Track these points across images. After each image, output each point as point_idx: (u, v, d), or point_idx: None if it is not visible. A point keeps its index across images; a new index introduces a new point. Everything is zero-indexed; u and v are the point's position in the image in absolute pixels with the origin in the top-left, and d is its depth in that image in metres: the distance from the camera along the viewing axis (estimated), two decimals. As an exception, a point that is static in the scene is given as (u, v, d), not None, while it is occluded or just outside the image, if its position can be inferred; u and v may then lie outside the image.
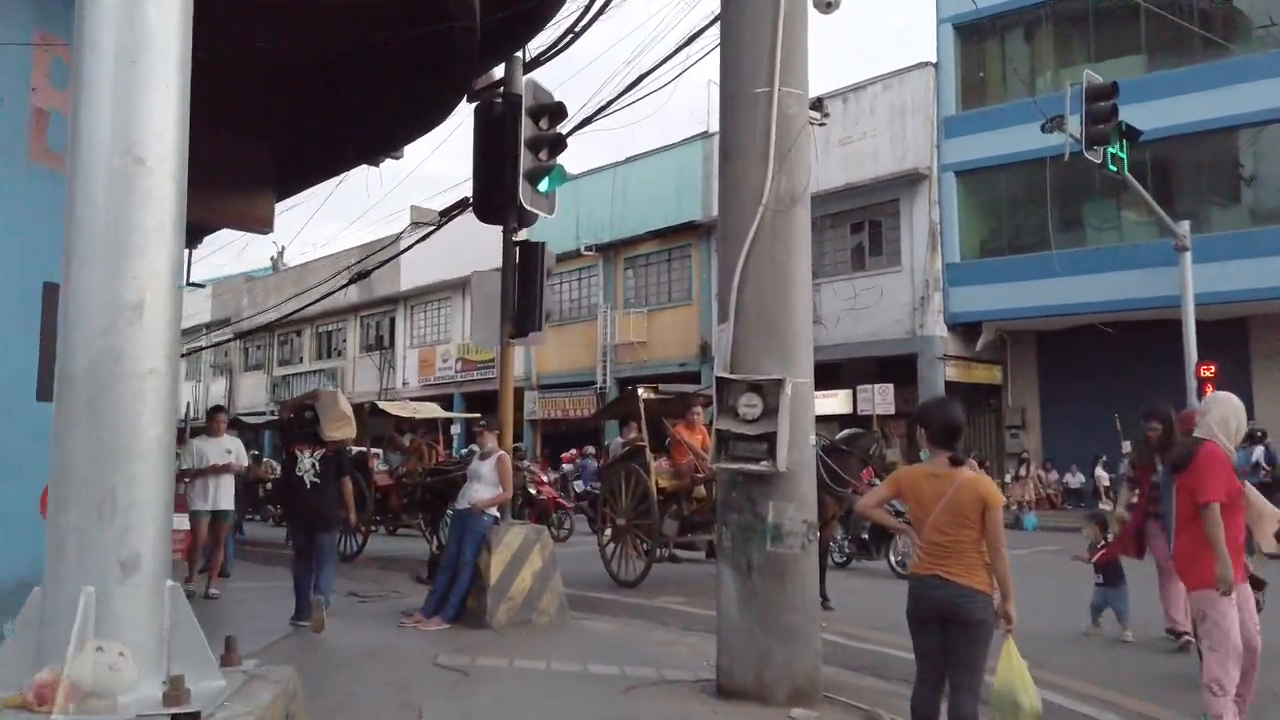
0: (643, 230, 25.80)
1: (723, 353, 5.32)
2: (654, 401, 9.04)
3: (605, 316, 26.59)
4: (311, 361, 38.62)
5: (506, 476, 6.83)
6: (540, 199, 7.12)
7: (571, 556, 11.14)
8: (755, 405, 5.02)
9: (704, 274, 24.75)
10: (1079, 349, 20.38)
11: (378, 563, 11.43)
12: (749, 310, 5.21)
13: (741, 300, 5.21)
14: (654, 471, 8.67)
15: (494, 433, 7.00)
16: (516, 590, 6.67)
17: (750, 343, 5.19)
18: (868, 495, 3.67)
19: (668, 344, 25.41)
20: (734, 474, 5.11)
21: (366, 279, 34.60)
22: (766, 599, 4.97)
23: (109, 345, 2.55)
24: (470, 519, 6.74)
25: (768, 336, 5.18)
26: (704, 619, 7.31)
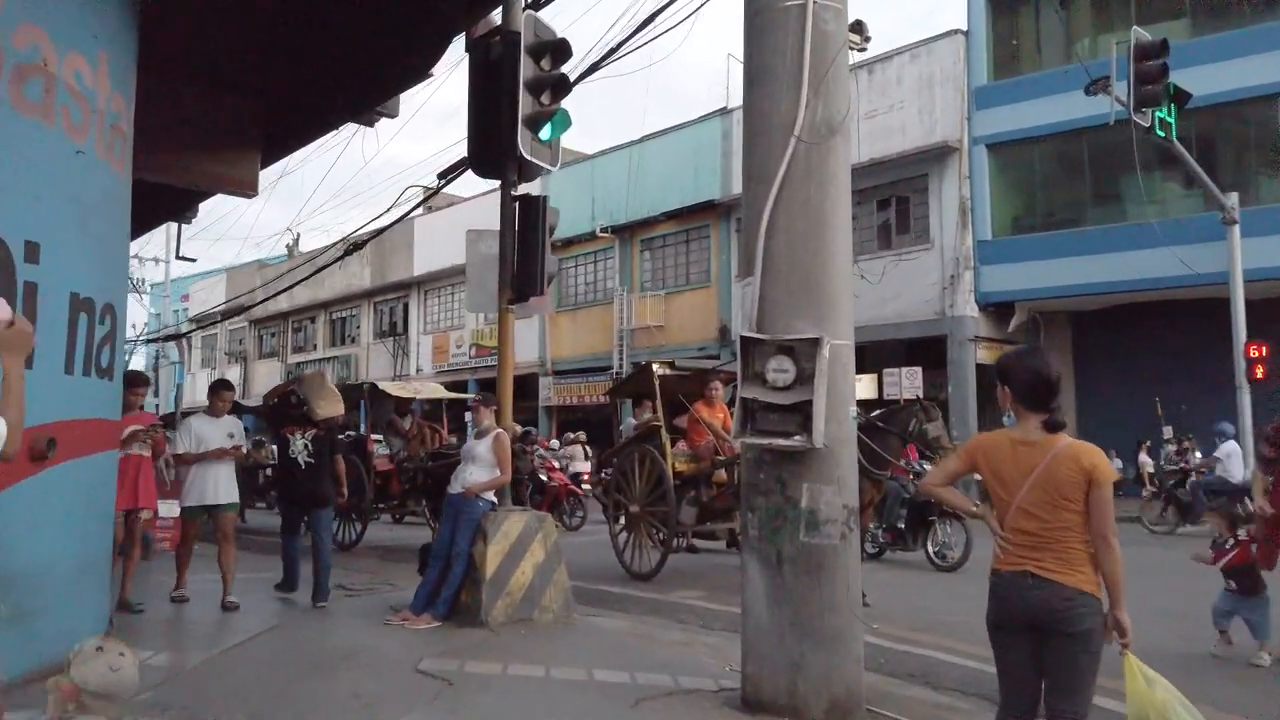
0: (660, 211, 25.01)
1: (748, 310, 4.58)
2: (670, 378, 8.31)
3: (621, 300, 25.85)
4: (325, 349, 38.18)
5: (505, 457, 6.12)
6: (542, 148, 6.39)
7: (583, 546, 10.45)
8: (787, 370, 4.28)
9: (723, 255, 23.95)
10: (1116, 330, 19.45)
11: (377, 552, 10.78)
12: (779, 260, 4.46)
13: (770, 249, 4.46)
14: (670, 454, 7.95)
15: (491, 409, 6.30)
16: (515, 584, 5.96)
17: (780, 298, 4.45)
18: (932, 472, 2.92)
19: (686, 327, 24.64)
20: (761, 451, 4.37)
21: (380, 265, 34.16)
22: (800, 597, 4.24)
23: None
24: (464, 505, 6.05)
25: (801, 291, 4.44)
26: (725, 616, 6.60)
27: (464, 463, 6.21)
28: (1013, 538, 2.70)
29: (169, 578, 7.04)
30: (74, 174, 4.55)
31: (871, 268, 20.91)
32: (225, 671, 4.71)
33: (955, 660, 5.24)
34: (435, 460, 10.35)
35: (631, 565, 8.18)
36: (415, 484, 10.64)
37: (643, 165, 25.42)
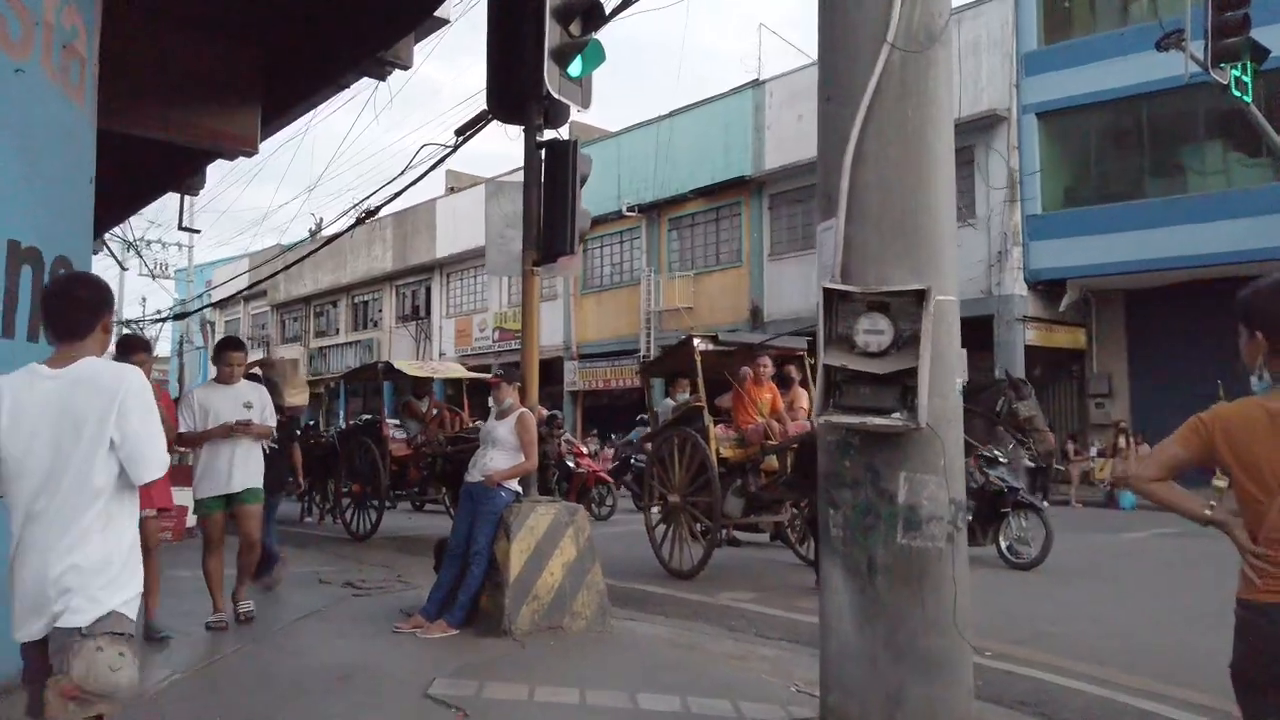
0: (688, 188, 24.11)
1: (826, 259, 3.74)
2: (712, 354, 7.47)
3: (649, 281, 24.98)
4: (348, 333, 37.70)
5: (530, 440, 5.31)
6: (571, 86, 5.55)
7: (615, 539, 9.66)
8: (881, 331, 3.43)
9: (755, 233, 23.04)
10: (1173, 309, 18.32)
11: (394, 543, 10.05)
12: (869, 196, 3.61)
13: (858, 182, 3.60)
14: (714, 438, 7.11)
15: (515, 386, 5.49)
16: (543, 587, 5.17)
17: (870, 242, 3.60)
18: (1143, 463, 2.06)
19: (716, 309, 23.75)
20: (847, 433, 3.53)
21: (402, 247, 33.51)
22: (897, 613, 3.41)
23: None
24: (483, 495, 5.25)
25: (896, 233, 3.58)
26: (782, 623, 5.78)
27: (483, 446, 5.41)
28: (1276, 555, 1.85)
29: (177, 584, 6.07)
30: (11, 97, 3.77)
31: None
32: (194, 695, 3.96)
33: (1071, 684, 4.39)
34: (454, 445, 9.59)
35: (671, 562, 7.37)
36: (434, 470, 9.89)
37: (671, 141, 24.49)
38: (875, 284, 3.51)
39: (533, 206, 5.60)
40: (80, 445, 2.30)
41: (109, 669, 2.27)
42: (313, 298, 39.02)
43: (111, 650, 2.32)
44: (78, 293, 2.47)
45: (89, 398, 2.32)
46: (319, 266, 38.59)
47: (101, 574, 2.33)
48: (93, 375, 2.35)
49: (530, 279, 5.65)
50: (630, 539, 9.53)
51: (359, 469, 10.30)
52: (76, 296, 2.45)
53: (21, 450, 2.30)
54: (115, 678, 2.28)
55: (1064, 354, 19.47)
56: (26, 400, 2.31)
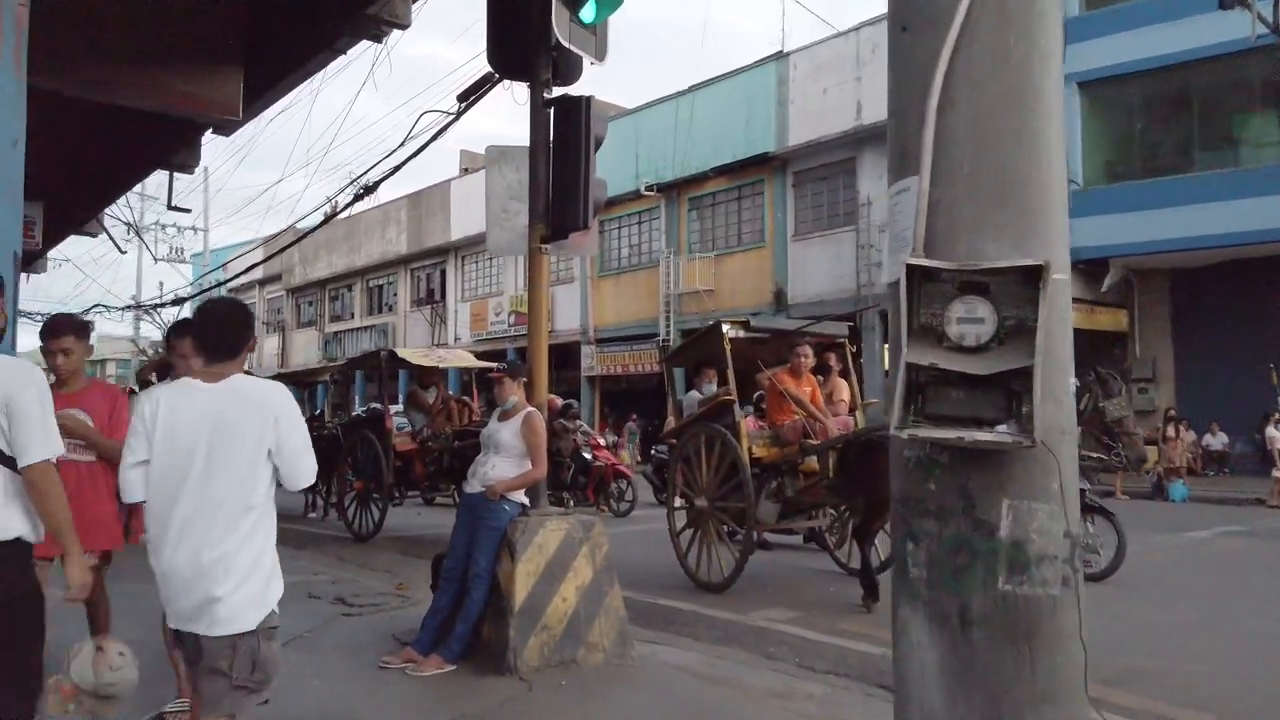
0: (709, 167, 23.27)
1: (900, 227, 2.97)
2: (744, 341, 6.72)
3: (668, 263, 24.21)
4: (362, 317, 37.24)
5: (538, 445, 4.59)
6: (584, 34, 4.79)
7: (635, 540, 8.96)
8: (981, 320, 2.67)
9: (778, 213, 22.20)
10: (1221, 289, 17.38)
11: (399, 544, 9.40)
12: (958, 149, 2.82)
13: (945, 131, 2.83)
14: (745, 435, 6.37)
15: (520, 381, 4.77)
16: (554, 615, 4.46)
17: (961, 207, 2.81)
18: None
19: (737, 291, 22.96)
20: (930, 450, 2.79)
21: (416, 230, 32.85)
22: (999, 679, 2.66)
23: None
24: (484, 509, 4.54)
25: (995, 196, 2.79)
26: (827, 652, 5.05)
27: (484, 452, 4.69)
28: None
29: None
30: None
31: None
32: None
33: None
34: (462, 440, 8.91)
35: (698, 572, 6.64)
36: (440, 467, 9.22)
37: (691, 118, 23.61)
38: (969, 257, 2.75)
39: (540, 174, 4.86)
40: (236, 457, 2.48)
41: (109, 669, 2.39)
42: (327, 281, 38.59)
43: (112, 650, 2.45)
44: (235, 316, 2.71)
45: (245, 412, 2.51)
46: (333, 249, 38.12)
47: (256, 576, 2.49)
48: (247, 391, 2.56)
49: (538, 259, 4.92)
50: (652, 541, 8.84)
51: (361, 464, 9.65)
52: (234, 320, 2.68)
53: (176, 459, 2.47)
54: (115, 678, 2.39)
55: (1105, 337, 18.54)
56: (184, 413, 2.50)
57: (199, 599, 2.43)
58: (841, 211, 21.06)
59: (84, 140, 9.08)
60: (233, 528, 2.45)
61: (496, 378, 4.70)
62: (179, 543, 2.44)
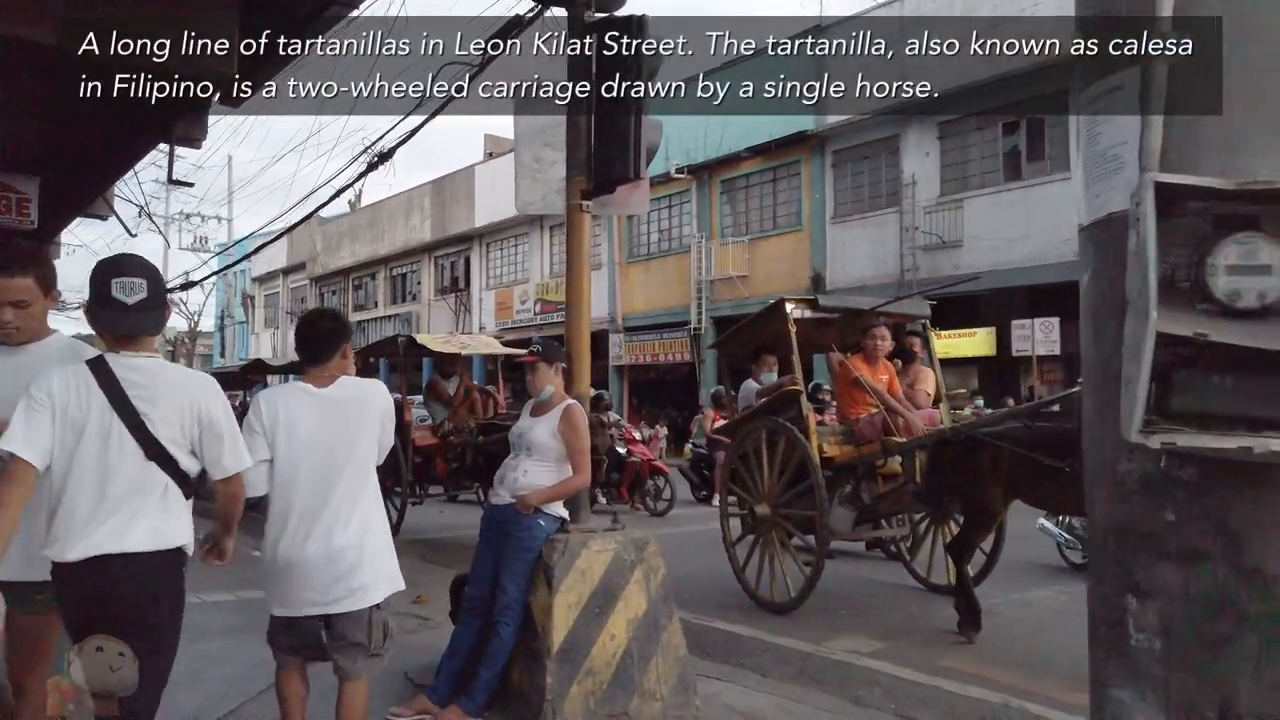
0: (742, 147, 22.28)
1: (1117, 140, 2.06)
2: (810, 323, 5.82)
3: (700, 248, 23.28)
4: (386, 306, 36.63)
5: (580, 447, 3.71)
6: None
7: (677, 543, 8.08)
8: (1266, 270, 1.78)
9: (816, 194, 21.19)
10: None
11: (418, 548, 8.59)
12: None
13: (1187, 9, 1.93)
14: (814, 431, 5.47)
15: (557, 368, 3.89)
16: (600, 657, 3.60)
17: (1231, 96, 1.92)
18: None
19: (772, 277, 21.98)
20: (1170, 463, 1.89)
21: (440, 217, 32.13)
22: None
23: None
24: (514, 525, 3.67)
25: (1262, 95, 1.91)
26: (931, 698, 4.14)
27: (515, 454, 3.82)
28: None
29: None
30: None
31: (992, 205, 18.01)
32: None
33: None
34: (487, 434, 8.08)
35: (759, 590, 5.74)
36: (463, 464, 8.40)
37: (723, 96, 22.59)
38: (1239, 174, 1.84)
39: (581, 118, 3.98)
40: (355, 451, 2.87)
41: (109, 669, 2.36)
42: (351, 270, 38.04)
43: (112, 650, 2.38)
44: (322, 324, 3.10)
45: (358, 412, 2.91)
46: (356, 238, 37.57)
47: (384, 555, 2.91)
48: (356, 392, 2.96)
49: (577, 218, 4.04)
50: (697, 545, 7.97)
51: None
52: (321, 329, 3.05)
53: (298, 455, 2.82)
54: (115, 678, 2.37)
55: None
56: (299, 414, 2.84)
57: (330, 581, 2.75)
58: (884, 192, 20.03)
59: (80, 110, 8.35)
60: (357, 513, 2.81)
61: (529, 361, 3.82)
62: (310, 532, 2.76)
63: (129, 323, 2.37)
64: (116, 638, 2.31)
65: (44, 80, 7.52)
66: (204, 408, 2.42)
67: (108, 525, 2.31)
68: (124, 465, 2.33)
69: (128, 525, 2.33)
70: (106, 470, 2.31)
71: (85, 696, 2.29)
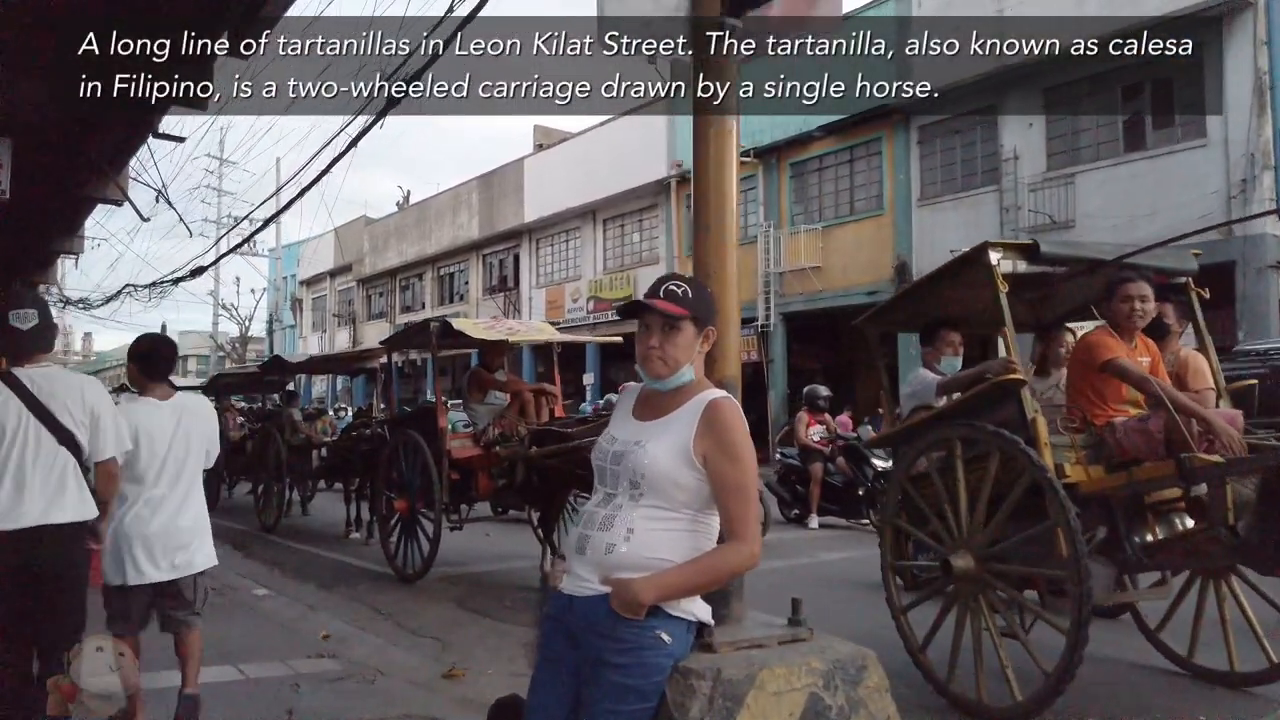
0: (814, 125, 20.25)
1: None
2: (1031, 279, 3.86)
3: (767, 237, 21.30)
4: (434, 307, 35.25)
5: (740, 478, 1.83)
6: None
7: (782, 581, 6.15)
8: None
9: (899, 174, 19.08)
10: None
11: (458, 588, 6.77)
12: None
13: None
14: (1044, 441, 3.52)
15: (705, 334, 1.98)
16: None
17: None
18: None
19: (850, 268, 19.95)
20: None
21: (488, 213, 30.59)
22: None
23: None
24: (611, 639, 1.80)
25: None
26: None
27: (601, 489, 1.96)
28: None
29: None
30: None
31: (1112, 178, 15.76)
32: None
33: None
34: (541, 443, 6.26)
35: (956, 684, 3.77)
36: (512, 482, 6.57)
37: (793, 70, 20.62)
38: None
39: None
40: (191, 451, 3.52)
41: (109, 669, 2.70)
42: (398, 271, 36.80)
43: (112, 650, 2.79)
44: (165, 350, 3.74)
45: (194, 420, 3.59)
46: (403, 238, 36.29)
47: (208, 536, 3.59)
48: (191, 404, 3.67)
49: (717, 65, 2.14)
50: (812, 583, 6.06)
51: (406, 477, 7.06)
52: (165, 354, 3.72)
53: (152, 454, 3.42)
54: (115, 678, 2.69)
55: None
56: (149, 420, 3.46)
57: (171, 552, 3.41)
58: (979, 169, 17.86)
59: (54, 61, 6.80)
60: (191, 499, 3.52)
61: (667, 312, 1.93)
62: (155, 513, 3.39)
63: (26, 344, 3.08)
64: (42, 593, 2.90)
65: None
66: (93, 402, 3.11)
67: (36, 502, 2.93)
68: (42, 451, 2.98)
69: (52, 502, 2.97)
70: (30, 456, 2.95)
71: (85, 696, 2.65)
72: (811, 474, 9.82)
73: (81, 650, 2.79)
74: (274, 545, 9.32)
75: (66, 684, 2.66)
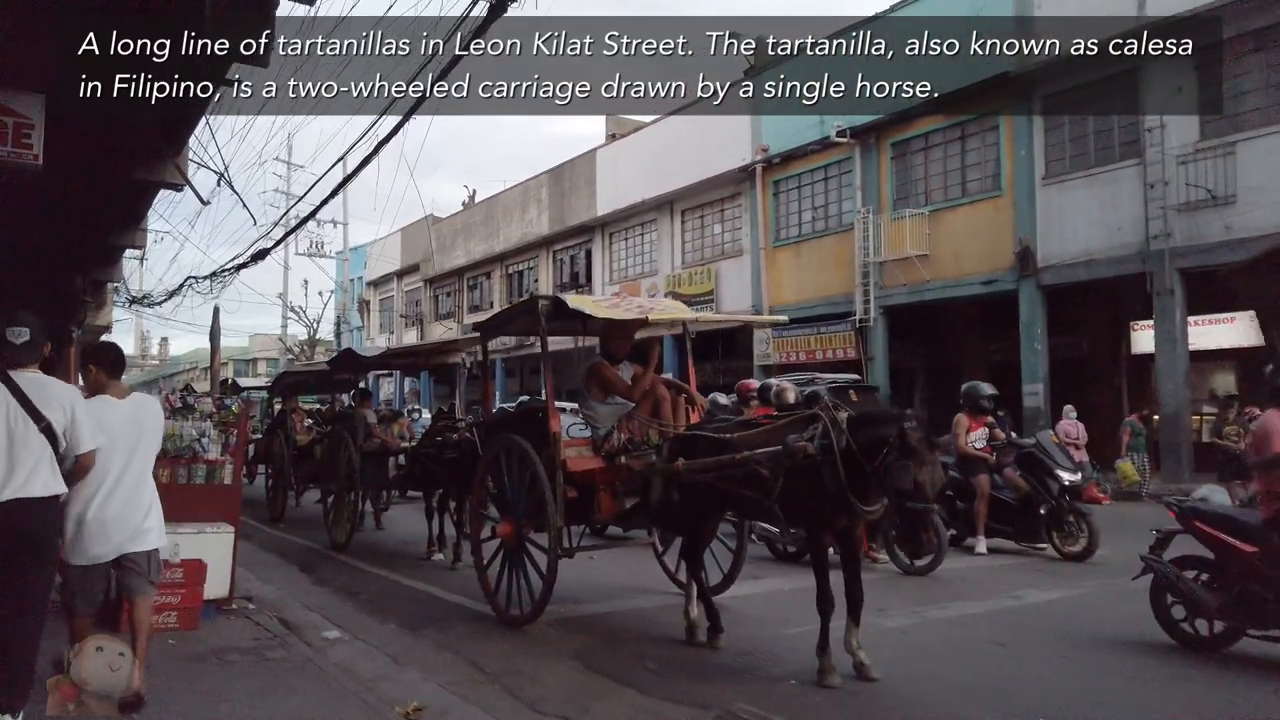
0: (920, 99, 18.38)
1: None
2: None
3: (866, 224, 19.62)
4: (501, 306, 34.13)
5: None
6: None
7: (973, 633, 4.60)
8: None
9: (1020, 151, 17.23)
10: None
11: (583, 634, 5.34)
12: None
13: None
14: None
15: None
16: None
17: None
18: None
19: (962, 255, 18.16)
20: None
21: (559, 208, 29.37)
22: None
23: None
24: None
25: None
26: None
27: None
28: None
29: None
30: None
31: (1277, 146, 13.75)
32: None
33: None
34: (687, 453, 4.78)
35: None
36: (646, 503, 5.11)
37: (894, 38, 18.85)
38: None
39: None
40: (144, 445, 4.06)
41: (109, 669, 2.86)
42: (465, 270, 35.89)
43: (112, 650, 3.01)
44: (120, 353, 4.31)
45: (147, 416, 4.13)
46: (471, 235, 35.34)
47: (160, 518, 4.08)
48: (143, 402, 4.20)
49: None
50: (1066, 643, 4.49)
51: (510, 494, 5.65)
52: (121, 355, 4.29)
53: (112, 447, 3.84)
54: (115, 678, 2.83)
55: None
56: (110, 417, 3.91)
57: (130, 530, 3.89)
58: (1116, 143, 15.95)
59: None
60: (144, 487, 4.02)
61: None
62: (113, 496, 3.85)
63: (20, 356, 3.61)
64: (22, 555, 3.33)
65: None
66: (72, 406, 3.61)
67: (18, 477, 3.41)
68: (27, 437, 3.46)
69: (32, 478, 3.44)
70: (17, 441, 3.45)
71: (85, 696, 2.77)
72: (977, 488, 8.20)
73: (81, 650, 3.07)
74: (346, 569, 8.03)
75: (66, 684, 2.83)
